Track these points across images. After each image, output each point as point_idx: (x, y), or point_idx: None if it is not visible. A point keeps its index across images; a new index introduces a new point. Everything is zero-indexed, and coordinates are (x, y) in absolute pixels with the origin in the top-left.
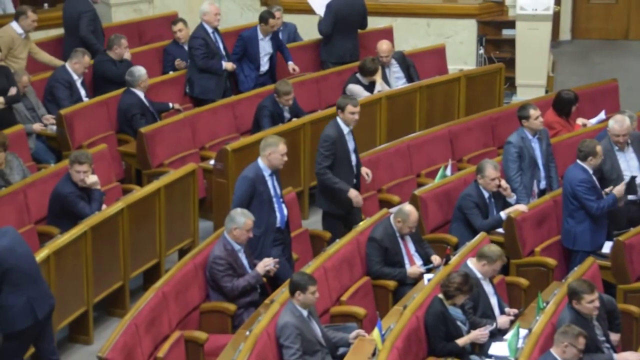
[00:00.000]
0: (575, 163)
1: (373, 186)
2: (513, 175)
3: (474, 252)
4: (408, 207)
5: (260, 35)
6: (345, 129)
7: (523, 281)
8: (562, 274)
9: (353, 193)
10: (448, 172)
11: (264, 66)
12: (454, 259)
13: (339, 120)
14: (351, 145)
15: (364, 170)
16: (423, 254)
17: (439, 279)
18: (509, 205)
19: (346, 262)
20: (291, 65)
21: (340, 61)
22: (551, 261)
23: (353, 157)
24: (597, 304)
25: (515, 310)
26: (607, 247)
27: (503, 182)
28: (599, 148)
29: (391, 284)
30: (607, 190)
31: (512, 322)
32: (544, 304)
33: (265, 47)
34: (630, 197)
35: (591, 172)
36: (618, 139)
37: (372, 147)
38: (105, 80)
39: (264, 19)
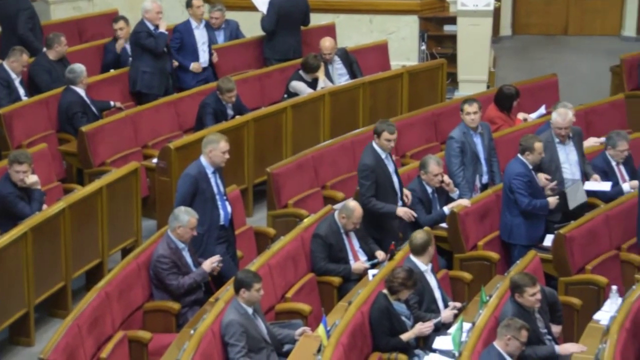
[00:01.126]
0: (516, 157)
1: (317, 182)
2: (456, 170)
3: None
4: (352, 203)
5: (194, 24)
6: (383, 154)
7: (466, 275)
8: (505, 268)
9: (401, 210)
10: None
11: (203, 57)
12: (398, 255)
13: (374, 145)
14: (391, 167)
15: (405, 191)
16: (367, 249)
17: (384, 275)
18: (452, 200)
19: (291, 259)
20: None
21: (284, 58)
22: (494, 255)
23: (395, 180)
24: (539, 296)
25: (459, 304)
26: (548, 240)
27: (446, 178)
28: (537, 145)
29: (336, 280)
30: (551, 185)
31: (455, 316)
32: (487, 298)
33: (202, 36)
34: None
35: (530, 167)
36: (560, 131)
37: (315, 144)
38: (34, 86)
39: (188, 3)
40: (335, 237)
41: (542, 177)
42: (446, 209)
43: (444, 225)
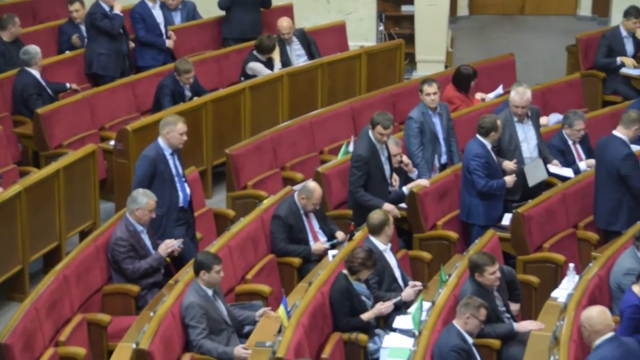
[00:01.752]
0: (474, 137)
1: (276, 164)
2: (415, 151)
3: None
4: (312, 184)
5: (149, 4)
6: (378, 145)
7: (426, 255)
8: (464, 247)
9: (388, 207)
10: (350, 148)
11: (163, 31)
12: (357, 235)
13: (371, 135)
14: (384, 157)
15: (394, 176)
16: (327, 230)
17: (344, 255)
18: (410, 180)
19: (251, 241)
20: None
21: (242, 37)
22: (453, 235)
23: (387, 168)
24: (498, 275)
25: (419, 283)
26: (506, 219)
27: (405, 158)
28: (499, 122)
29: (296, 261)
30: (510, 166)
31: (415, 295)
32: (447, 277)
33: (158, 16)
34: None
35: (489, 147)
36: (517, 110)
37: (274, 125)
38: None
39: None
40: (295, 218)
41: (508, 165)
42: (405, 189)
43: (403, 205)
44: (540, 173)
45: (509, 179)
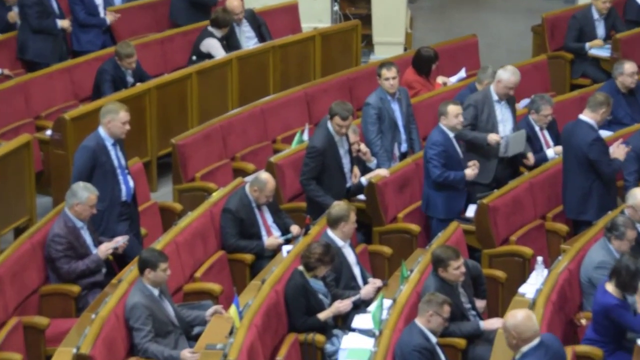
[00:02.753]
0: (437, 125)
1: (226, 154)
2: (373, 139)
3: None
4: (264, 175)
5: None
6: (337, 136)
7: (386, 249)
8: (426, 241)
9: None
10: (305, 136)
11: (102, 12)
12: (314, 229)
13: (329, 126)
14: (344, 148)
15: (355, 171)
16: (281, 224)
17: (299, 250)
18: (369, 170)
19: (199, 236)
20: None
21: (193, 18)
22: (414, 227)
23: (346, 162)
24: (462, 270)
25: (379, 281)
26: (471, 211)
27: (362, 146)
28: (451, 108)
29: (248, 257)
30: (495, 137)
31: (376, 293)
32: (408, 273)
33: None
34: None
35: (451, 135)
36: (508, 91)
37: (223, 113)
38: None
39: None
40: (247, 212)
41: (493, 137)
42: (364, 180)
43: (361, 197)
44: (520, 145)
45: (470, 172)
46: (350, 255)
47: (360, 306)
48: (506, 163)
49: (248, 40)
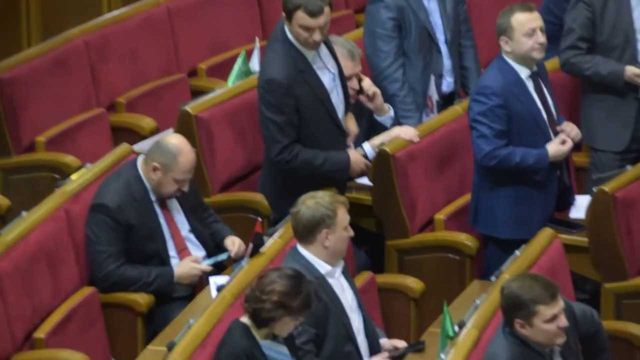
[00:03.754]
0: (499, 56)
1: (97, 98)
2: (387, 68)
3: None
4: (174, 141)
5: None
6: (310, 53)
7: (413, 283)
8: (484, 264)
9: (356, 158)
10: (253, 63)
11: None
12: (269, 243)
13: (289, 36)
14: (329, 75)
15: (349, 124)
16: (207, 234)
17: (243, 286)
18: (380, 128)
19: (45, 259)
20: None
21: None
22: (468, 240)
23: (336, 99)
24: (563, 322)
25: (401, 343)
26: (579, 209)
27: (367, 82)
28: (518, 18)
29: (141, 300)
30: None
31: None
32: (456, 329)
33: None
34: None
35: (524, 75)
36: None
37: (92, 18)
38: None
39: None
40: (139, 210)
41: (633, 72)
42: (368, 147)
43: (364, 180)
44: None
45: (557, 149)
46: (345, 293)
47: None
48: None
49: None
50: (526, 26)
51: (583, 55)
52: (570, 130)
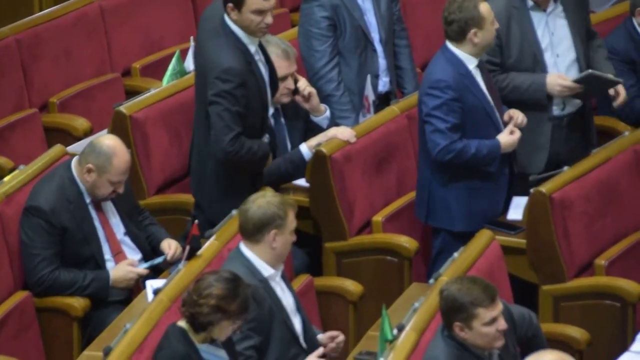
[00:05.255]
0: (443, 47)
1: (30, 99)
2: (322, 67)
3: None
4: (109, 142)
5: None
6: (253, 45)
7: (351, 286)
8: (428, 267)
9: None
10: (188, 62)
11: None
12: (207, 245)
13: (232, 26)
14: (265, 73)
15: (303, 83)
16: (142, 237)
17: (180, 288)
18: (317, 129)
19: None
20: None
21: None
22: (407, 242)
23: (269, 95)
24: (502, 325)
25: (337, 333)
26: (516, 211)
27: (302, 82)
28: (482, 6)
29: (77, 304)
30: (560, 81)
31: None
32: (394, 332)
33: None
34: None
35: (471, 66)
36: None
37: (24, 17)
38: None
39: None
40: (74, 213)
41: (556, 82)
42: (305, 148)
43: (301, 182)
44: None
45: (508, 139)
46: (285, 296)
47: None
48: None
49: None
50: (491, 14)
51: (498, 75)
52: (516, 117)
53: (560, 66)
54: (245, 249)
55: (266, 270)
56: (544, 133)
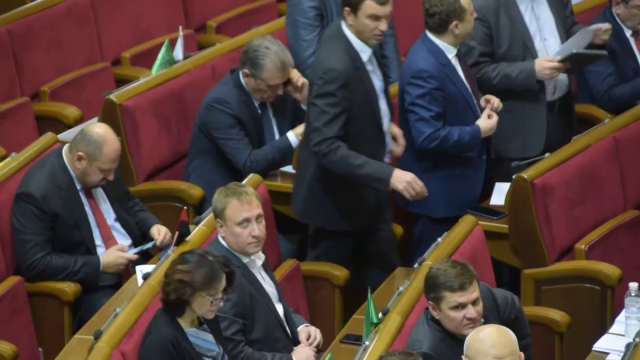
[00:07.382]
0: (422, 36)
1: (21, 87)
2: (309, 57)
3: None
4: (99, 130)
5: None
6: (366, 53)
7: (334, 271)
8: (413, 251)
9: (400, 177)
10: (177, 51)
11: None
12: (197, 230)
13: (346, 32)
14: (378, 82)
15: (395, 130)
16: (132, 224)
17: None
18: (304, 115)
19: None
20: None
21: None
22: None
23: (383, 106)
24: (470, 314)
25: (314, 329)
26: (498, 197)
27: (295, 73)
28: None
29: (67, 288)
30: (547, 64)
31: (318, 351)
32: (380, 316)
33: None
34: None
35: (451, 55)
36: None
37: (13, 8)
38: None
39: None
40: (65, 199)
41: (543, 64)
42: (292, 136)
43: (289, 168)
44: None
45: (486, 123)
46: (266, 284)
47: None
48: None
49: None
50: (471, 6)
51: (487, 66)
52: (492, 102)
53: (549, 49)
54: (219, 236)
55: (243, 257)
56: (540, 117)
